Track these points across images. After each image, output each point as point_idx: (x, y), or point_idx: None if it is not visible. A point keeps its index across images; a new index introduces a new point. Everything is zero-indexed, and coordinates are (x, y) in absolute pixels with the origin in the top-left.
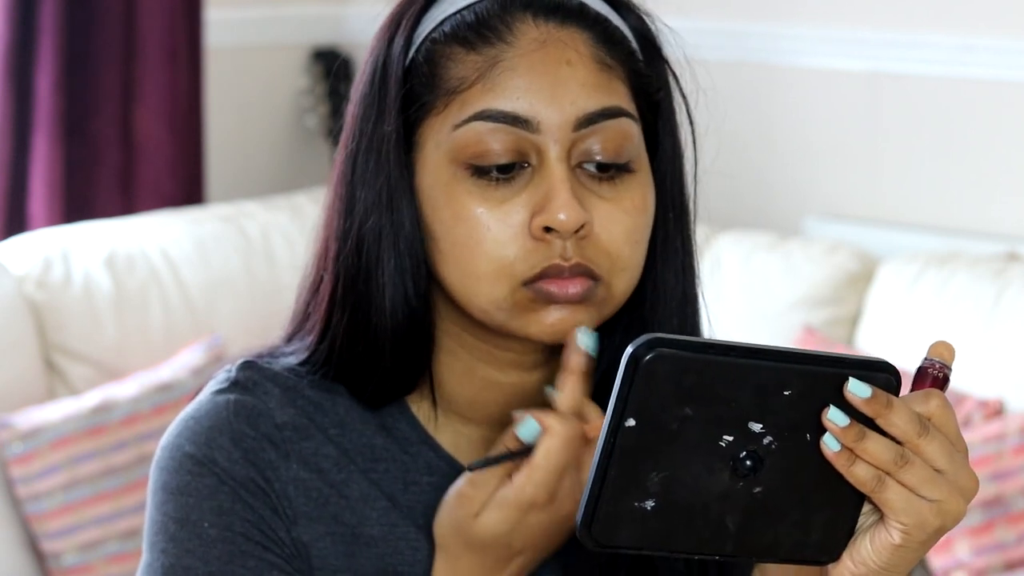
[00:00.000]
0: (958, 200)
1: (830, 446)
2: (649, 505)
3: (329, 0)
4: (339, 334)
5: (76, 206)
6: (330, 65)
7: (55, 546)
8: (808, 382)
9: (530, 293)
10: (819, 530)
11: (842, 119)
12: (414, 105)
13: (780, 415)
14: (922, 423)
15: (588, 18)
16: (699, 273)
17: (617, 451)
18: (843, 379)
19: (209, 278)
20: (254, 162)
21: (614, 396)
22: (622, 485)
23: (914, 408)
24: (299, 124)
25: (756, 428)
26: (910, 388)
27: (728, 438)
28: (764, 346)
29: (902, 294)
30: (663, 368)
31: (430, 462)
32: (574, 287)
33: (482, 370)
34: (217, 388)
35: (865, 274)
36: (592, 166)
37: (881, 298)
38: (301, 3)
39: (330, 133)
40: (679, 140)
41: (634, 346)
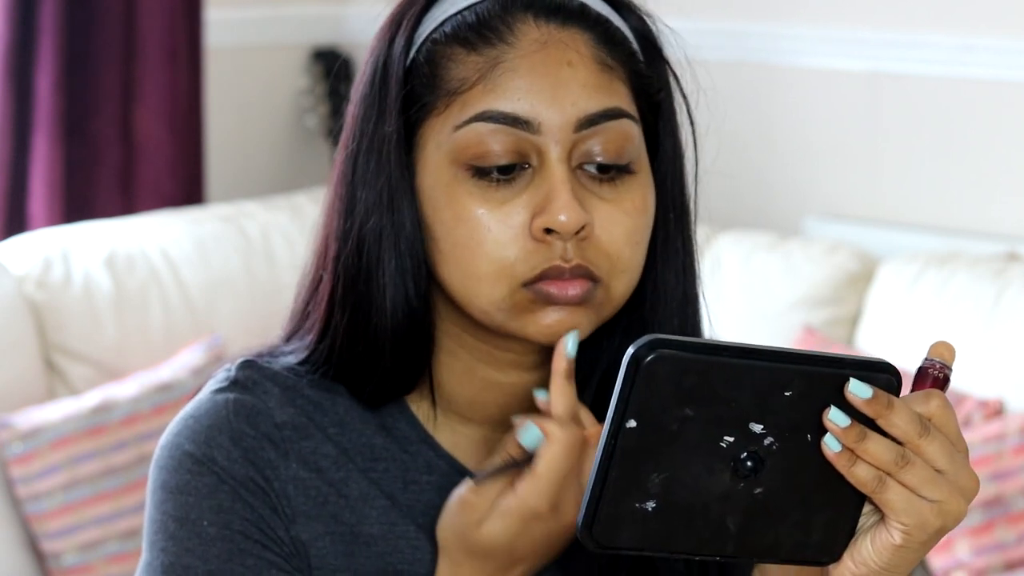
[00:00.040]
0: (958, 200)
1: (831, 447)
2: (650, 506)
3: (329, 0)
4: (339, 334)
5: (76, 206)
6: (330, 65)
7: (55, 546)
8: (809, 383)
9: (530, 294)
10: (820, 530)
11: (842, 119)
12: (415, 106)
13: (781, 416)
14: (923, 423)
15: (589, 19)
16: (699, 273)
17: (618, 452)
18: (844, 380)
19: (209, 278)
20: (254, 162)
21: (615, 397)
22: (623, 486)
23: (915, 408)
24: (299, 124)
25: (757, 429)
26: (911, 388)
27: (729, 439)
28: (765, 347)
29: (902, 294)
30: (664, 369)
31: (429, 461)
32: (574, 289)
33: (482, 370)
34: (217, 387)
35: (865, 274)
36: (593, 167)
37: (881, 298)
38: (301, 3)
39: (330, 133)
40: (680, 141)
41: (635, 347)
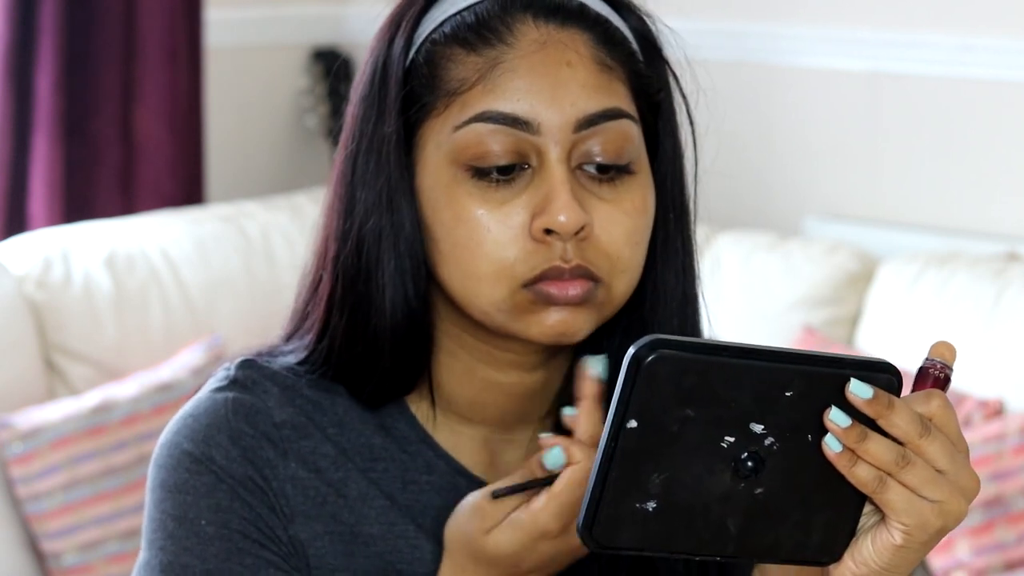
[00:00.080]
0: (958, 200)
1: (831, 447)
2: (650, 506)
3: (329, 0)
4: (338, 334)
5: (76, 206)
6: (330, 65)
7: (55, 546)
8: (809, 383)
9: (530, 295)
10: (820, 531)
11: (842, 119)
12: (414, 106)
13: (781, 416)
14: (923, 424)
15: (588, 19)
16: (699, 273)
17: (618, 452)
18: (844, 380)
19: (209, 278)
20: (254, 162)
21: (615, 398)
22: (623, 487)
23: (915, 409)
24: (299, 124)
25: (757, 429)
26: (911, 388)
27: (729, 439)
28: (765, 347)
29: (902, 294)
30: (664, 369)
31: (429, 461)
32: (574, 289)
33: (482, 371)
34: (216, 386)
35: (865, 274)
36: (592, 167)
37: (881, 298)
38: (301, 3)
39: (330, 133)
40: (679, 141)
41: (636, 347)
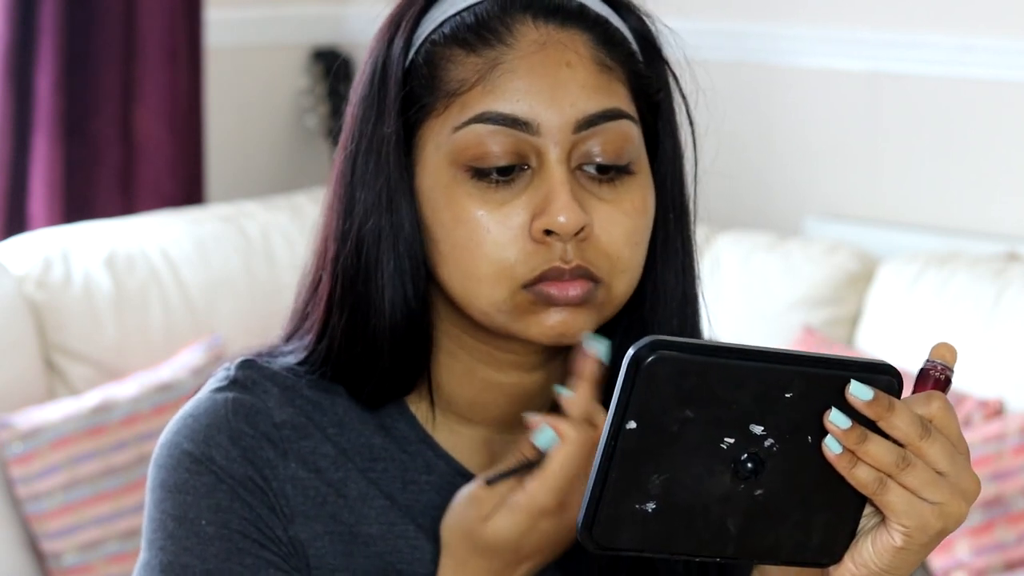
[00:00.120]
0: (958, 200)
1: (832, 448)
2: (650, 507)
3: (329, 0)
4: (337, 335)
5: (76, 206)
6: (330, 65)
7: (55, 546)
8: (810, 384)
9: (530, 295)
10: (820, 532)
11: (842, 119)
12: (414, 107)
13: (781, 417)
14: (924, 425)
15: (588, 19)
16: (699, 274)
17: (618, 453)
18: (845, 381)
19: (209, 278)
20: (254, 162)
21: (615, 398)
22: (623, 487)
23: (916, 410)
24: (299, 124)
25: (757, 430)
26: (912, 390)
27: (729, 440)
28: (766, 348)
29: (902, 294)
30: (664, 370)
31: (429, 461)
32: (574, 289)
33: (482, 371)
34: (216, 386)
35: (865, 274)
36: (592, 168)
37: (881, 298)
38: (301, 3)
39: (330, 133)
40: (679, 141)
41: (635, 348)
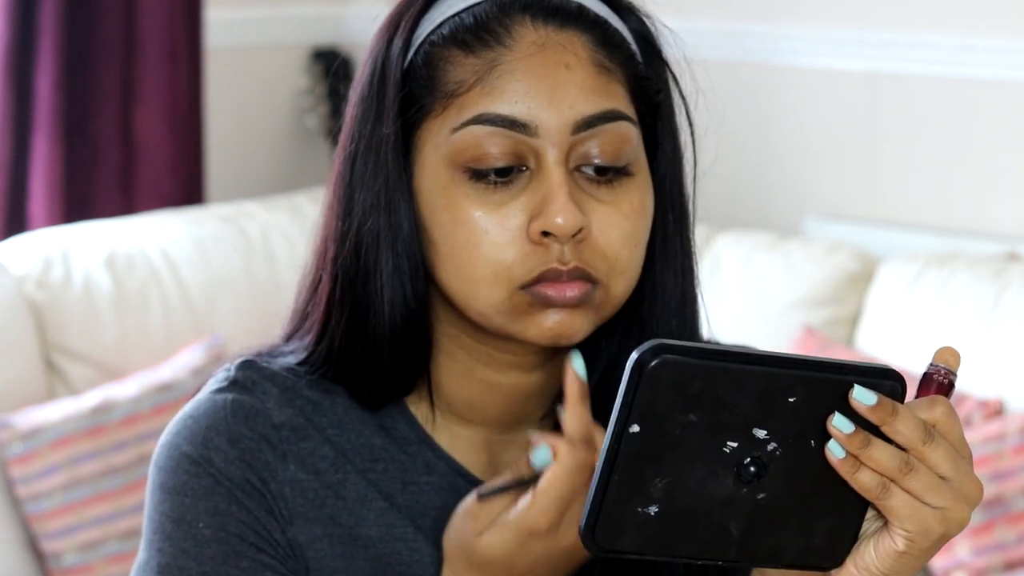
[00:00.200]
0: (958, 200)
1: (835, 453)
2: (652, 511)
3: (329, 0)
4: (337, 335)
5: (76, 206)
6: (330, 65)
7: (55, 546)
8: (813, 389)
9: (528, 297)
10: (822, 536)
11: (842, 119)
12: (413, 107)
13: (785, 421)
14: (927, 430)
15: (587, 20)
16: (698, 274)
17: (621, 457)
18: (848, 386)
19: (209, 278)
20: (254, 162)
21: (618, 402)
22: (626, 491)
23: (919, 415)
24: (299, 124)
25: (760, 434)
26: (915, 394)
27: (732, 444)
28: (769, 353)
29: (902, 294)
30: (668, 374)
31: (428, 462)
32: (572, 291)
33: (480, 372)
34: (216, 387)
35: (865, 274)
36: (590, 169)
37: (881, 298)
38: (301, 3)
39: (330, 133)
40: (679, 142)
41: (639, 352)
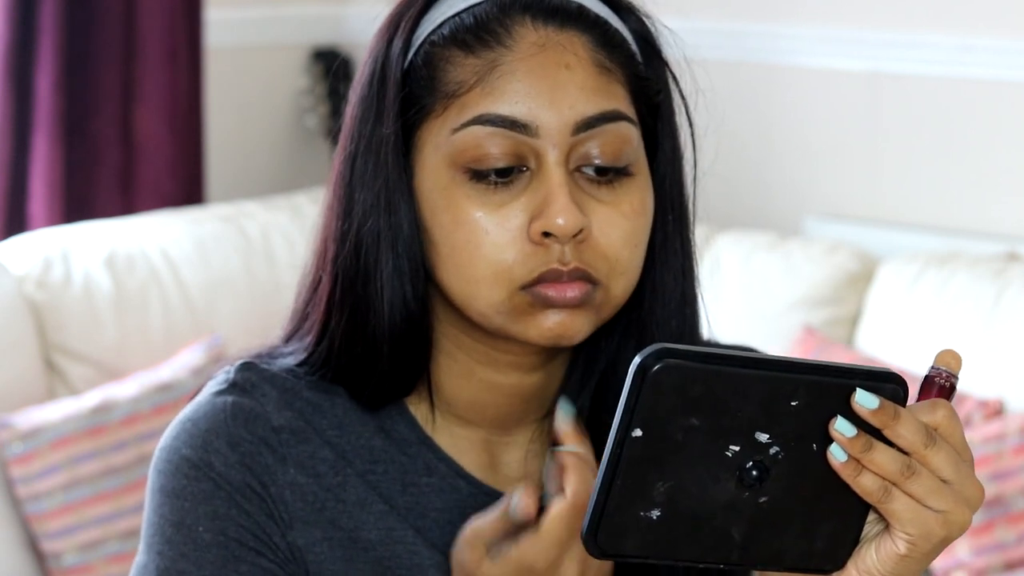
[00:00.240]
0: (958, 200)
1: (837, 456)
2: (655, 515)
3: (329, 0)
4: (337, 336)
5: (76, 206)
6: (330, 65)
7: (55, 546)
8: (815, 392)
9: (528, 297)
10: (824, 539)
11: (842, 119)
12: (413, 108)
13: (787, 425)
14: (929, 434)
15: (587, 21)
16: (698, 275)
17: (623, 461)
18: (850, 390)
19: (209, 278)
20: (254, 162)
21: (620, 406)
22: (628, 495)
23: (921, 418)
24: (299, 124)
25: (762, 438)
26: (917, 396)
27: (734, 448)
28: (771, 356)
29: (902, 294)
30: (670, 379)
31: (429, 463)
32: (572, 291)
33: (480, 372)
34: (215, 389)
35: (865, 274)
36: (591, 170)
37: (881, 298)
38: (301, 3)
39: (330, 133)
40: (679, 142)
41: (641, 357)
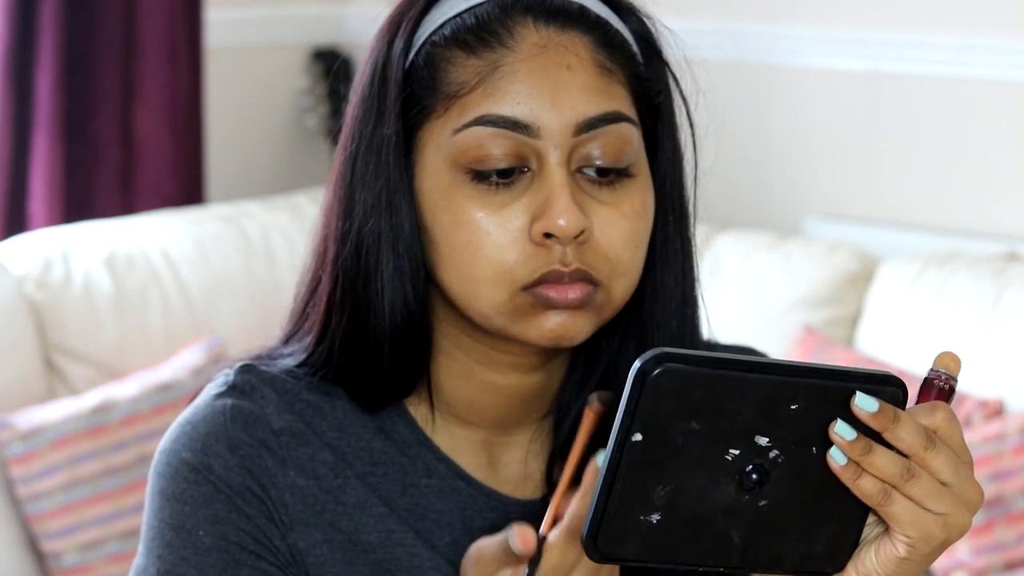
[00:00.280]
0: (958, 200)
1: (837, 459)
2: (655, 519)
3: (329, 0)
4: (337, 336)
5: (76, 206)
6: (330, 65)
7: (55, 546)
8: (815, 396)
9: (529, 298)
10: (824, 542)
11: (842, 119)
12: (414, 108)
13: (786, 429)
14: (928, 436)
15: (589, 22)
16: (699, 275)
17: (623, 465)
18: (850, 393)
19: (209, 278)
20: (254, 162)
21: (621, 410)
22: (628, 499)
23: (920, 421)
24: (299, 124)
25: (762, 442)
26: (916, 398)
27: (734, 452)
28: (771, 360)
29: (902, 294)
30: (670, 383)
31: (428, 464)
32: (573, 292)
33: (480, 372)
34: (215, 392)
35: (865, 274)
36: (592, 171)
37: (881, 298)
38: (301, 3)
39: (330, 133)
40: (679, 143)
41: (641, 361)
